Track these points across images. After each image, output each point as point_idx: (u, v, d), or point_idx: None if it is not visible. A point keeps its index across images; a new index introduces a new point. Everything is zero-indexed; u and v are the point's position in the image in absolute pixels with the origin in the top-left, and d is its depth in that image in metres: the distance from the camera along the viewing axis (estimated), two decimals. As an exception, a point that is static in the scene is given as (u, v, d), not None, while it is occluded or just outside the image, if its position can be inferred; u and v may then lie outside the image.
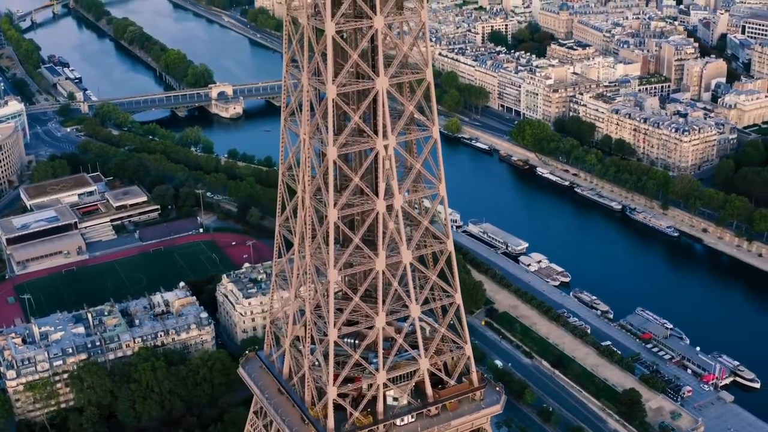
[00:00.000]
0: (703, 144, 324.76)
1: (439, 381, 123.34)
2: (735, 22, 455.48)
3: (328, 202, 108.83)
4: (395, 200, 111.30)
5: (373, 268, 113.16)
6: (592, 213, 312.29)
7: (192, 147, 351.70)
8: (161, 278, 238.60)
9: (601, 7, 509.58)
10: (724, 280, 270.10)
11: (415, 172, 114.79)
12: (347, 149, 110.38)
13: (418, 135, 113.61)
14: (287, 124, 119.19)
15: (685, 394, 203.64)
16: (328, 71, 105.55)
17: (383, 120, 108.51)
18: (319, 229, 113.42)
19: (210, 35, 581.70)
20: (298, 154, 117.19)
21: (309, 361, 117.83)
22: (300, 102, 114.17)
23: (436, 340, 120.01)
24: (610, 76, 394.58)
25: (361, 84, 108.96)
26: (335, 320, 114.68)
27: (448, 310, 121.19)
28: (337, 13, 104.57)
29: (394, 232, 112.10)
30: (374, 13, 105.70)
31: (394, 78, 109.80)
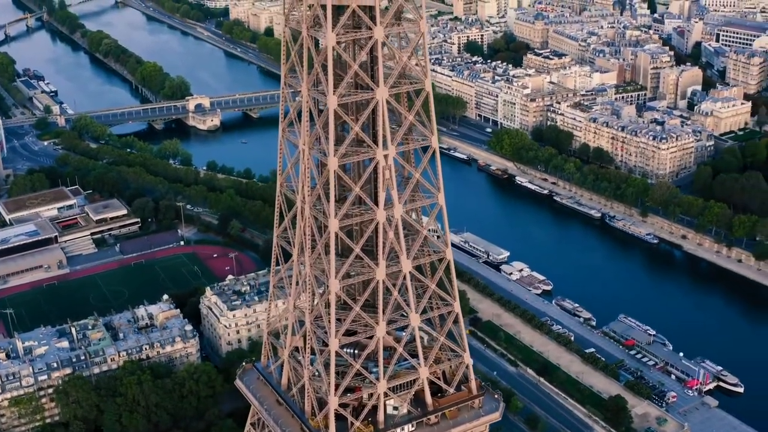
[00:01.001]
0: (680, 151, 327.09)
1: (438, 389, 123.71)
2: (709, 30, 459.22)
3: (329, 212, 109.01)
4: (395, 210, 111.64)
5: (373, 277, 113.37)
6: (571, 221, 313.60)
7: (170, 159, 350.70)
8: (143, 291, 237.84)
9: (575, 16, 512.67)
10: (705, 286, 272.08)
11: (414, 182, 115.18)
12: (347, 159, 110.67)
13: (417, 145, 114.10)
14: (285, 134, 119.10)
15: (670, 399, 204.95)
16: (329, 82, 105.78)
17: (383, 130, 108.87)
18: (319, 239, 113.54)
19: (185, 47, 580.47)
20: (296, 164, 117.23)
21: (309, 372, 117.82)
22: (298, 112, 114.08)
23: (435, 349, 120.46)
24: (587, 85, 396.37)
25: (361, 94, 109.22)
26: (336, 330, 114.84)
27: (446, 318, 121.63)
28: (338, 25, 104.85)
29: (393, 241, 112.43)
30: (374, 24, 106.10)
31: (394, 88, 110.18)
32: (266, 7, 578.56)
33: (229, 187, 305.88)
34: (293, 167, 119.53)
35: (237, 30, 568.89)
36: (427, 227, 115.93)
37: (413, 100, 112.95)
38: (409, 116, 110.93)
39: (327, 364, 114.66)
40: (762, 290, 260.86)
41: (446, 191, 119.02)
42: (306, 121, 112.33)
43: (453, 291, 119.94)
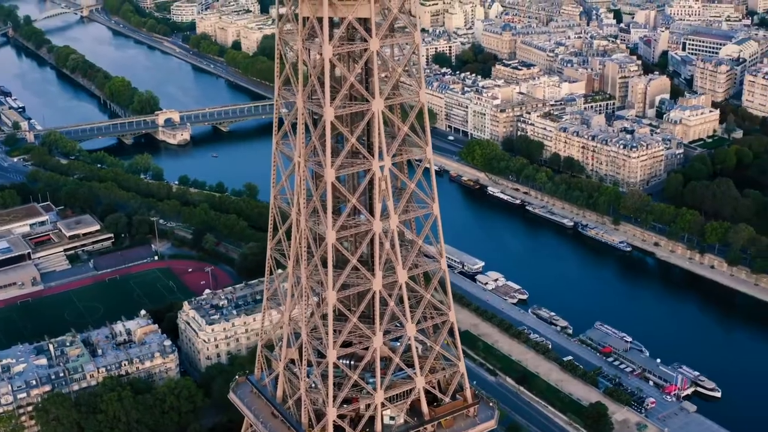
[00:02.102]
0: (651, 159, 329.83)
1: (434, 398, 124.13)
2: (675, 39, 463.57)
3: (327, 224, 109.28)
4: (391, 221, 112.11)
5: (370, 288, 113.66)
6: (544, 230, 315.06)
7: (142, 174, 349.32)
8: (119, 307, 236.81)
9: (543, 27, 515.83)
10: (678, 293, 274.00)
11: (409, 193, 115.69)
12: (344, 171, 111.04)
13: (411, 156, 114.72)
14: (279, 147, 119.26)
15: (649, 405, 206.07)
16: (326, 94, 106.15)
17: (379, 141, 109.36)
18: (315, 251, 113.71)
19: (152, 62, 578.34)
20: (290, 176, 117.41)
21: (306, 384, 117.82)
22: (292, 125, 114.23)
23: (431, 358, 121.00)
24: (556, 95, 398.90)
25: (357, 106, 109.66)
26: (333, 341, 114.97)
27: (440, 328, 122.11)
28: (335, 37, 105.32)
29: (390, 252, 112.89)
30: (369, 35, 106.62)
31: (389, 100, 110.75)
32: (233, 21, 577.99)
33: (203, 201, 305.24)
34: (287, 179, 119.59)
35: (204, 44, 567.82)
36: (422, 237, 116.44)
37: (406, 111, 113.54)
38: (404, 127, 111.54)
39: (324, 375, 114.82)
40: (735, 295, 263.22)
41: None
42: (301, 134, 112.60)
43: (448, 300, 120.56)
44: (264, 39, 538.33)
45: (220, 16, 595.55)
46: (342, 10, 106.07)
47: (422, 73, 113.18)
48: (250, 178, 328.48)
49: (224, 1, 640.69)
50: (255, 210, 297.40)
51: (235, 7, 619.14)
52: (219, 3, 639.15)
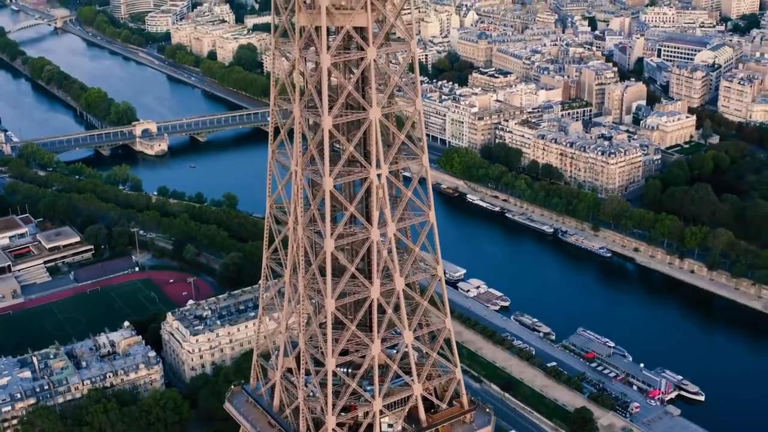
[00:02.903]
0: (629, 165, 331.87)
1: (431, 405, 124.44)
2: (651, 45, 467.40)
3: (325, 232, 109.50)
4: (388, 228, 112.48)
5: (368, 296, 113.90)
6: (524, 237, 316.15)
7: (120, 185, 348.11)
8: (100, 319, 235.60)
9: (518, 35, 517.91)
10: (659, 298, 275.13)
11: (406, 201, 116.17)
12: (341, 180, 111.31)
13: (408, 164, 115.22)
14: (275, 156, 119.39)
15: (634, 410, 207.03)
16: (324, 103, 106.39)
17: (376, 150, 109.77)
18: (313, 259, 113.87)
19: (127, 73, 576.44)
20: (286, 185, 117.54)
21: (304, 393, 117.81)
22: (288, 133, 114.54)
23: (428, 365, 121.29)
24: (533, 103, 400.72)
25: (354, 114, 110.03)
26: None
27: (437, 335, 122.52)
28: (333, 46, 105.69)
29: (387, 259, 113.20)
30: (367, 44, 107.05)
31: (386, 108, 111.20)
32: (209, 31, 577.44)
33: (182, 212, 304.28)
34: (284, 188, 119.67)
35: (180, 54, 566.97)
36: (418, 245, 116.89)
37: (401, 119, 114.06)
38: (401, 135, 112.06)
39: (323, 383, 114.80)
40: (715, 299, 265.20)
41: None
42: (298, 143, 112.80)
43: (444, 307, 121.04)
44: (240, 49, 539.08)
45: (195, 26, 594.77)
46: (339, 19, 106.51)
47: (418, 82, 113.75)
48: (229, 188, 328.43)
49: (199, 12, 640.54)
50: (235, 220, 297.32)
51: (210, 18, 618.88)
52: (194, 13, 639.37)
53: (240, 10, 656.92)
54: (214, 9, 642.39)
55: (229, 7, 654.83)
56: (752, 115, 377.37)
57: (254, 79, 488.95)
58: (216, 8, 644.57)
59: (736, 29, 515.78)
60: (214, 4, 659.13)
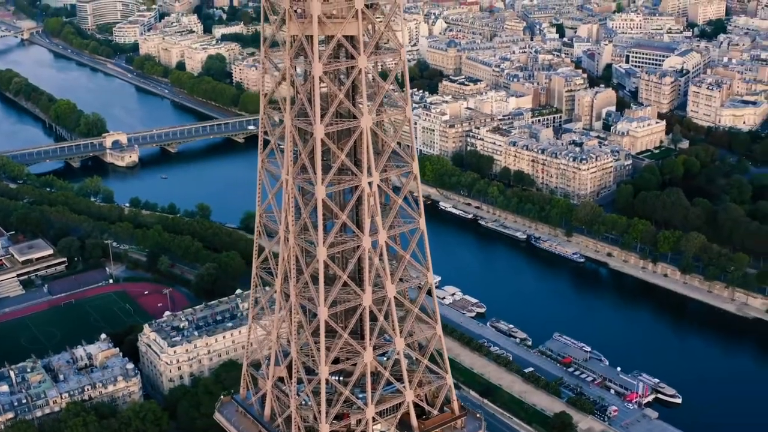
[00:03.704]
0: (600, 171, 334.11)
1: (422, 412, 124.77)
2: (619, 52, 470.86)
3: (318, 241, 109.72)
4: (380, 236, 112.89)
5: (360, 303, 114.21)
6: (497, 244, 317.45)
7: (92, 197, 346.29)
8: (76, 332, 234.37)
9: (487, 42, 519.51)
10: (633, 302, 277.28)
11: (396, 208, 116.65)
12: (333, 188, 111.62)
13: (398, 171, 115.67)
14: (264, 165, 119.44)
15: (612, 413, 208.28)
16: (316, 112, 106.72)
17: (367, 158, 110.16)
18: (305, 268, 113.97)
19: (96, 84, 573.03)
20: (276, 194, 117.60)
21: (296, 401, 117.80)
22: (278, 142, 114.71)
23: (419, 372, 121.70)
24: (504, 110, 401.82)
25: (346, 123, 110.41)
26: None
27: (427, 341, 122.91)
28: (324, 54, 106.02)
29: (379, 267, 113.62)
30: (357, 53, 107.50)
31: (376, 116, 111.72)
32: (177, 42, 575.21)
33: (156, 223, 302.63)
34: (274, 197, 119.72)
35: (148, 65, 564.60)
36: (409, 252, 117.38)
37: (396, 128, 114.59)
38: (392, 143, 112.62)
39: (316, 392, 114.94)
40: (688, 302, 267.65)
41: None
42: (289, 152, 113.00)
43: (435, 314, 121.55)
44: (208, 59, 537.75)
45: (163, 37, 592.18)
46: (330, 28, 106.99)
47: (408, 89, 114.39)
48: (201, 198, 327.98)
49: (167, 22, 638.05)
50: (209, 231, 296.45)
51: (178, 28, 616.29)
52: (161, 24, 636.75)
53: (208, 21, 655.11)
54: (181, 19, 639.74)
55: (196, 18, 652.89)
56: (721, 120, 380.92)
57: (224, 89, 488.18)
58: (184, 19, 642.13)
59: (703, 35, 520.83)
60: (182, 15, 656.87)
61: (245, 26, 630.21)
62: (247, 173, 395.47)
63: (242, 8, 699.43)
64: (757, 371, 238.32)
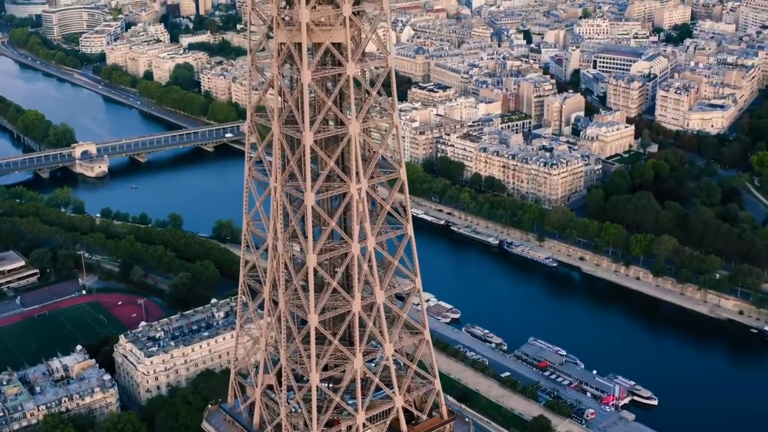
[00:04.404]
0: (571, 176, 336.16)
1: (411, 417, 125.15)
2: (586, 57, 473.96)
3: (308, 248, 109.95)
4: (368, 242, 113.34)
5: (349, 310, 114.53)
6: (470, 250, 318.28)
7: (63, 208, 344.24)
8: (50, 343, 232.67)
9: (455, 49, 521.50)
10: (607, 305, 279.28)
11: (385, 214, 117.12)
12: (322, 195, 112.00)
13: (386, 178, 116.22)
14: (251, 173, 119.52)
15: (589, 416, 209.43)
16: (305, 119, 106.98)
17: (356, 164, 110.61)
18: (294, 275, 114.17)
19: (63, 94, 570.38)
20: (264, 202, 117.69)
21: (286, 409, 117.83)
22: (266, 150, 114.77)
23: (408, 377, 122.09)
24: (473, 116, 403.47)
25: (335, 130, 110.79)
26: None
27: (416, 347, 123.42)
28: (314, 62, 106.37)
29: (368, 273, 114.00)
30: (345, 60, 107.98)
31: (364, 123, 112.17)
32: (144, 51, 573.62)
33: (128, 234, 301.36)
34: (261, 205, 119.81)
35: (116, 75, 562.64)
36: (397, 257, 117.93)
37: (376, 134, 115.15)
38: (380, 150, 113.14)
39: (306, 399, 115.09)
40: (661, 305, 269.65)
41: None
42: (277, 159, 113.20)
43: (423, 319, 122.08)
44: (176, 68, 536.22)
45: (130, 46, 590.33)
46: (318, 36, 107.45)
47: (395, 95, 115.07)
48: (172, 208, 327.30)
49: (133, 32, 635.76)
50: (181, 240, 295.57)
51: (145, 38, 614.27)
52: (128, 34, 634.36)
53: (174, 30, 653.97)
54: (148, 29, 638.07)
55: (163, 27, 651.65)
56: (689, 124, 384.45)
57: (192, 99, 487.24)
58: (150, 28, 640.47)
59: (669, 39, 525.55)
60: (148, 24, 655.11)
61: (212, 35, 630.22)
62: (217, 182, 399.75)
63: (208, 17, 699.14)
64: (730, 371, 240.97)
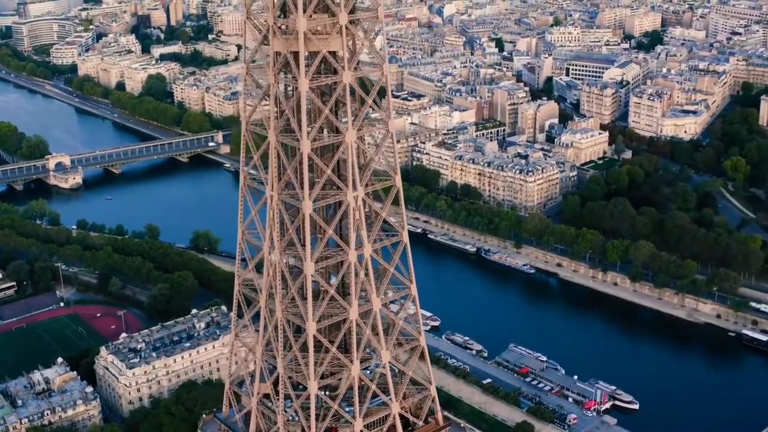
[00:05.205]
0: (546, 183, 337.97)
1: (407, 423, 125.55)
2: (559, 65, 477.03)
3: (306, 256, 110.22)
4: (365, 249, 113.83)
5: (347, 317, 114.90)
6: (447, 257, 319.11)
7: (38, 220, 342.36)
8: (30, 356, 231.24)
9: (428, 58, 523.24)
10: (585, 311, 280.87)
11: (380, 221, 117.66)
12: (319, 203, 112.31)
13: (382, 185, 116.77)
14: (246, 181, 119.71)
15: (571, 421, 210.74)
16: (303, 128, 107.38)
17: (352, 172, 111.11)
18: (292, 283, 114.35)
19: (35, 106, 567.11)
20: (260, 210, 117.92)
21: (284, 417, 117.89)
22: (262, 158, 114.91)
23: (404, 384, 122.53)
24: (448, 124, 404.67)
25: (332, 138, 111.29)
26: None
27: (411, 353, 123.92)
28: (310, 70, 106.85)
29: (364, 280, 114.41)
30: (342, 68, 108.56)
31: (360, 131, 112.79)
32: (116, 62, 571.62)
33: (105, 245, 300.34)
34: (257, 213, 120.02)
35: (88, 86, 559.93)
36: (393, 264, 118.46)
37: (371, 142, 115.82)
38: (376, 156, 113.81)
39: (304, 407, 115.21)
40: (639, 310, 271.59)
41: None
42: (274, 167, 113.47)
43: (419, 326, 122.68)
44: (149, 79, 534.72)
45: (102, 57, 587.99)
46: (315, 44, 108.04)
47: (390, 102, 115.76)
48: (147, 219, 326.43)
49: (104, 43, 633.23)
50: (159, 251, 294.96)
51: (117, 48, 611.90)
52: (99, 45, 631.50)
53: (146, 41, 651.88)
54: (119, 40, 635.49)
55: (134, 38, 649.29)
56: (663, 130, 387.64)
57: (166, 109, 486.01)
58: (122, 39, 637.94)
59: (640, 46, 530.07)
60: (120, 35, 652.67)
61: (183, 45, 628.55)
62: (192, 193, 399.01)
63: (179, 28, 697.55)
64: (709, 374, 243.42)
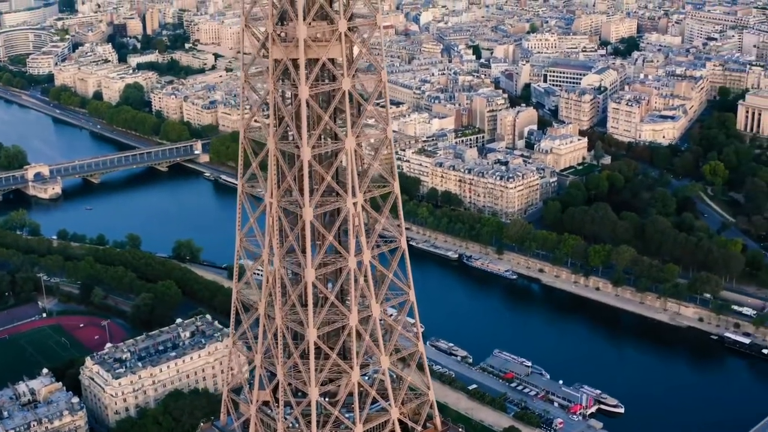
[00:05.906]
0: (527, 189, 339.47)
1: (406, 428, 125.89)
2: (536, 71, 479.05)
3: (306, 263, 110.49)
4: (364, 255, 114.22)
5: (346, 324, 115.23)
6: (430, 264, 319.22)
7: (18, 230, 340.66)
8: (13, 367, 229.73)
9: (406, 65, 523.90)
10: (568, 316, 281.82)
11: (379, 228, 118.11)
12: (319, 210, 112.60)
13: (380, 192, 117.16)
14: (245, 188, 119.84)
15: (558, 426, 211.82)
16: (303, 135, 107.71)
17: (352, 179, 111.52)
18: (292, 290, 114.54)
19: (11, 116, 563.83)
20: (258, 217, 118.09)
21: (284, 425, 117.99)
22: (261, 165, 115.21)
23: (403, 389, 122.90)
24: (427, 131, 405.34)
25: (331, 145, 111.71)
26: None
27: (410, 359, 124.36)
28: (311, 77, 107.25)
29: (364, 287, 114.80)
30: (341, 75, 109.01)
31: (359, 137, 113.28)
32: (93, 71, 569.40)
33: (87, 255, 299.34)
34: (256, 220, 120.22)
35: (65, 96, 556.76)
36: (391, 270, 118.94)
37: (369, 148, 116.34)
38: (375, 163, 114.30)
39: (305, 414, 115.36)
40: (621, 314, 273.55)
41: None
42: (273, 175, 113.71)
43: (417, 332, 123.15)
44: (126, 88, 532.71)
45: (78, 67, 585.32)
46: (315, 51, 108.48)
47: (388, 109, 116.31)
48: (129, 228, 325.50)
49: (81, 52, 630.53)
50: (141, 261, 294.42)
51: (93, 58, 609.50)
52: (76, 54, 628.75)
53: (122, 50, 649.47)
54: (96, 49, 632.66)
55: (111, 47, 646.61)
56: (641, 135, 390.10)
57: (144, 118, 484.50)
58: (98, 48, 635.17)
59: (617, 52, 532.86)
60: (96, 45, 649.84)
61: (160, 54, 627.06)
62: (172, 202, 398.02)
63: (156, 36, 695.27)
64: (692, 377, 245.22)
